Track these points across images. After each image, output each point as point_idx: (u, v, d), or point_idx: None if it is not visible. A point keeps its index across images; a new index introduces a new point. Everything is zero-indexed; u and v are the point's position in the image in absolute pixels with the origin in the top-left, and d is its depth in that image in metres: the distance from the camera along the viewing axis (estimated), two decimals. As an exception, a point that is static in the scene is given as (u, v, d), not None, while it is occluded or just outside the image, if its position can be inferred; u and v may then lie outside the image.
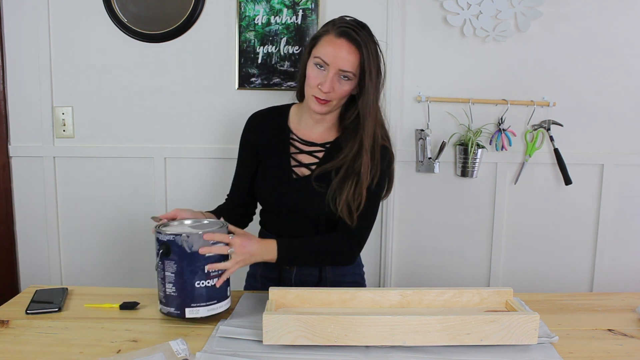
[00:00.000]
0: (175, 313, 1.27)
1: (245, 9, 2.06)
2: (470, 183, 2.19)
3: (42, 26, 2.09)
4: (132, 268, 2.22)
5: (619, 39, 2.11)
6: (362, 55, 1.32)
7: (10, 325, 1.27)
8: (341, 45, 1.32)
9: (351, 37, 1.32)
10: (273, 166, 1.50)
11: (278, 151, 1.50)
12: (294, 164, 1.48)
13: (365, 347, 1.16)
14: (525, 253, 2.24)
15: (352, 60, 1.32)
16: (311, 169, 1.46)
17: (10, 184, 2.19)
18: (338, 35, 1.33)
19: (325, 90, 1.34)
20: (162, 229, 1.27)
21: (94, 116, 2.16)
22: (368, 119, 1.37)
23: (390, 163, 1.47)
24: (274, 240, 1.40)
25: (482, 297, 1.32)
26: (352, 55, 1.32)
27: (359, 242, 1.48)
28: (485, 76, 2.12)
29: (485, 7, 2.04)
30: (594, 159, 2.18)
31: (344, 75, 1.34)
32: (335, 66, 1.33)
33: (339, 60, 1.32)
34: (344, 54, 1.32)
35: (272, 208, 1.53)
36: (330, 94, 1.36)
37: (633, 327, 1.31)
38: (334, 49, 1.32)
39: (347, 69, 1.33)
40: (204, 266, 1.25)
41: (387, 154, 1.45)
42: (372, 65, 1.33)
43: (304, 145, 1.48)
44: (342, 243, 1.46)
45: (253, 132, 1.55)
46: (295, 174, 1.47)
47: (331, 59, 1.33)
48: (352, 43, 1.32)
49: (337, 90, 1.35)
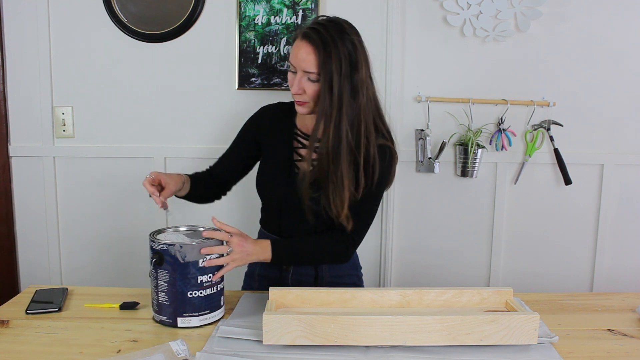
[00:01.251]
0: (167, 322, 1.27)
1: (245, 9, 2.06)
2: (470, 183, 2.19)
3: (42, 26, 2.09)
4: (132, 268, 2.22)
5: (619, 39, 2.11)
6: (319, 54, 1.31)
7: (10, 325, 1.27)
8: (301, 46, 1.34)
9: (309, 37, 1.33)
10: (276, 159, 1.51)
11: (281, 144, 1.51)
12: (296, 158, 1.49)
13: (365, 347, 1.16)
14: (525, 253, 2.24)
15: (311, 60, 1.32)
16: (313, 164, 1.46)
17: (10, 184, 2.19)
18: (301, 38, 1.35)
19: (293, 92, 1.37)
20: (155, 238, 1.27)
21: (94, 116, 2.16)
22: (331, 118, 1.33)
23: (391, 162, 1.45)
24: (268, 240, 1.41)
25: (482, 297, 1.32)
26: (311, 56, 1.32)
27: (355, 241, 1.48)
28: (485, 76, 2.12)
29: (485, 7, 2.04)
30: (594, 159, 2.18)
31: (308, 76, 1.35)
32: (299, 68, 1.35)
33: (299, 61, 1.34)
34: (304, 55, 1.33)
35: (273, 203, 1.53)
36: (302, 96, 1.37)
37: (633, 327, 1.31)
38: (296, 51, 1.35)
39: (309, 69, 1.33)
40: (197, 276, 1.26)
41: (387, 153, 1.43)
42: (334, 63, 1.31)
43: (307, 141, 1.49)
44: (337, 243, 1.46)
45: (259, 124, 1.56)
46: (297, 168, 1.48)
47: (294, 61, 1.36)
48: (310, 43, 1.32)
49: (307, 91, 1.36)
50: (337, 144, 1.34)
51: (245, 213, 2.16)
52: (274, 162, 1.52)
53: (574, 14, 2.09)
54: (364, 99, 1.36)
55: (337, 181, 1.36)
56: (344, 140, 1.34)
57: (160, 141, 2.17)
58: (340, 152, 1.35)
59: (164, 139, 2.17)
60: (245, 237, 1.37)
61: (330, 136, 1.34)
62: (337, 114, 1.33)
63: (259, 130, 1.56)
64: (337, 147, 1.35)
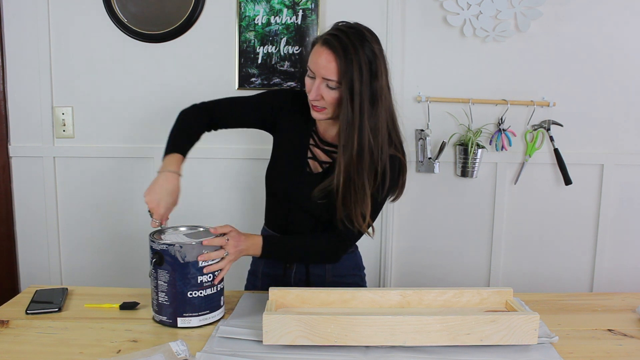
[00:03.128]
0: (167, 322, 1.27)
1: (245, 9, 2.06)
2: (470, 183, 2.19)
3: (42, 26, 2.09)
4: (132, 268, 2.22)
5: (618, 39, 2.11)
6: (339, 62, 1.30)
7: (10, 325, 1.27)
8: (321, 53, 1.32)
9: (331, 44, 1.31)
10: (289, 153, 1.50)
11: (298, 137, 1.49)
12: (309, 155, 1.48)
13: (365, 347, 1.16)
14: (525, 253, 2.24)
15: (332, 68, 1.30)
16: (324, 167, 1.46)
17: (10, 184, 2.19)
18: (321, 44, 1.33)
19: (311, 98, 1.35)
20: (155, 238, 1.27)
21: (94, 116, 2.16)
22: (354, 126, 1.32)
23: (400, 174, 1.43)
24: (260, 237, 1.42)
25: (482, 297, 1.32)
26: (332, 63, 1.30)
27: (347, 246, 1.48)
28: (485, 76, 2.12)
29: (485, 7, 2.04)
30: (594, 159, 2.18)
31: (327, 83, 1.33)
32: (319, 74, 1.33)
33: (319, 68, 1.32)
34: (324, 62, 1.31)
35: (280, 198, 1.52)
36: (320, 102, 1.35)
37: (633, 327, 1.31)
38: (316, 58, 1.33)
39: (329, 77, 1.31)
40: (197, 276, 1.26)
41: (396, 165, 1.41)
42: (355, 71, 1.29)
43: (321, 143, 1.48)
44: (329, 244, 1.46)
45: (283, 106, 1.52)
46: (308, 167, 1.47)
47: (314, 67, 1.34)
48: (332, 51, 1.30)
49: (326, 98, 1.34)
50: (360, 152, 1.33)
51: (248, 210, 2.16)
52: (287, 156, 1.50)
53: (574, 14, 2.09)
54: (382, 108, 1.34)
55: (358, 189, 1.35)
56: (366, 148, 1.33)
57: (160, 141, 2.15)
58: (363, 160, 1.33)
59: (164, 139, 2.16)
60: (239, 236, 1.36)
61: (355, 144, 1.32)
62: (360, 122, 1.31)
63: (281, 112, 1.51)
64: (360, 155, 1.33)
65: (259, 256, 1.42)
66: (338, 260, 1.51)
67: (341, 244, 1.46)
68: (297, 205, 1.48)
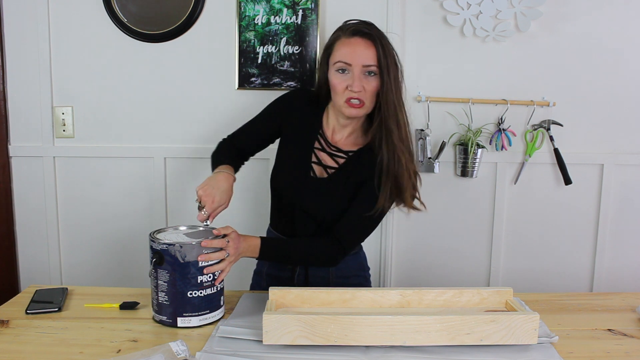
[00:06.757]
0: (167, 322, 1.28)
1: (245, 9, 2.06)
2: (470, 183, 2.19)
3: (42, 26, 2.08)
4: (132, 268, 2.22)
5: (618, 38, 2.11)
6: (378, 47, 1.34)
7: (10, 325, 1.27)
8: (357, 42, 1.34)
9: (364, 32, 1.35)
10: (294, 155, 1.50)
11: (304, 140, 1.49)
12: (314, 160, 1.48)
13: (365, 347, 1.16)
14: (525, 253, 2.24)
15: (371, 54, 1.34)
16: (328, 172, 1.46)
17: (10, 184, 2.19)
18: (351, 35, 1.36)
19: (356, 89, 1.34)
20: (155, 237, 1.27)
21: (94, 116, 2.16)
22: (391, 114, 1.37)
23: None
24: (259, 239, 1.42)
25: (482, 297, 1.33)
26: (370, 50, 1.34)
27: (346, 251, 1.48)
28: (485, 76, 2.12)
29: (485, 7, 2.04)
30: (594, 159, 2.18)
31: (368, 70, 1.35)
32: (357, 64, 1.34)
33: (359, 56, 1.34)
34: (362, 49, 1.34)
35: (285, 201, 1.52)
36: (361, 93, 1.36)
37: (633, 327, 1.31)
38: (352, 48, 1.34)
39: (369, 63, 1.34)
40: (197, 276, 1.26)
41: None
42: (388, 58, 1.34)
43: (328, 147, 1.48)
44: (327, 249, 1.46)
45: (289, 111, 1.53)
46: (312, 172, 1.47)
47: (351, 58, 1.34)
48: (367, 38, 1.35)
49: (366, 88, 1.36)
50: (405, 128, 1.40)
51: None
52: (292, 160, 1.50)
53: (574, 14, 2.09)
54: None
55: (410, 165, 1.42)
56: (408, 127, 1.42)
57: (160, 141, 2.17)
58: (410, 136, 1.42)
59: (164, 139, 2.17)
60: (239, 238, 1.37)
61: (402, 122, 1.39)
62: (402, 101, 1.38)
63: (287, 116, 1.52)
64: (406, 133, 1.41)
65: (256, 258, 1.42)
66: (336, 265, 1.51)
67: (340, 249, 1.46)
68: (301, 209, 1.48)
